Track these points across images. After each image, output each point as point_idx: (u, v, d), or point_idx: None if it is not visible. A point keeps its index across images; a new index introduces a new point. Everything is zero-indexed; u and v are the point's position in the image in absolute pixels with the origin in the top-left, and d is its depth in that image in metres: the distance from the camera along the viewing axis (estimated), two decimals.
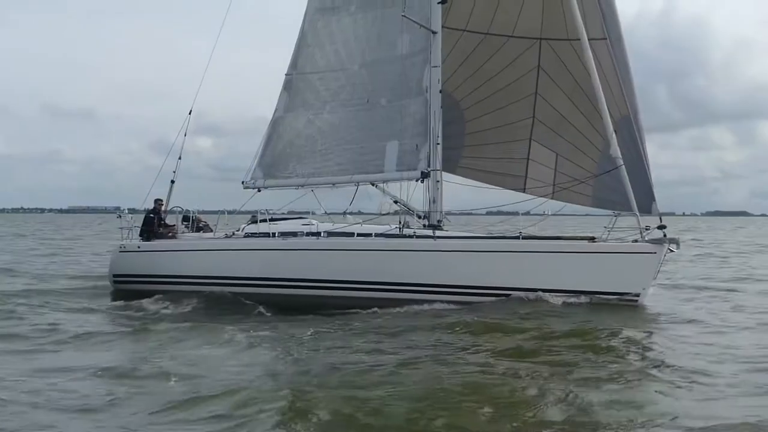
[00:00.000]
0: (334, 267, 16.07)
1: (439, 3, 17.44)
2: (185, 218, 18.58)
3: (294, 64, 19.45)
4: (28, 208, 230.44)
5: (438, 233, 16.33)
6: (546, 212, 16.36)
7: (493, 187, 18.31)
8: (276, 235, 16.80)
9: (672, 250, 15.54)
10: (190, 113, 19.36)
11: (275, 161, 18.95)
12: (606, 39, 16.95)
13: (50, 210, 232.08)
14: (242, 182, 18.96)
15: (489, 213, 18.47)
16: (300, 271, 16.21)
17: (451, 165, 18.31)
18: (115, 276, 18.33)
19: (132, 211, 19.45)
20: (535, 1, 18.15)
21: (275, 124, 19.26)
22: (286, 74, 19.49)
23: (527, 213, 17.00)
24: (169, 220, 18.73)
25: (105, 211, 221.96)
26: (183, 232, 18.39)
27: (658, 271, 15.76)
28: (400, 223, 16.65)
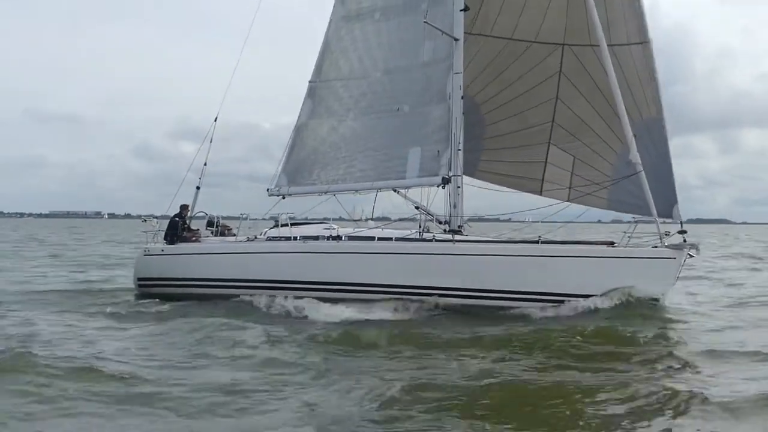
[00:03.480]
0: (355, 270, 16.27)
1: (461, 10, 17.54)
2: (210, 223, 18.94)
3: (318, 71, 19.71)
4: (8, 213, 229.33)
5: (457, 237, 16.44)
6: (528, 219, 16.32)
7: (510, 190, 18.43)
8: (297, 238, 17.04)
9: (692, 255, 15.43)
10: (215, 120, 19.70)
11: (299, 168, 19.20)
12: (630, 44, 16.97)
13: (30, 214, 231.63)
14: (267, 189, 19.26)
15: (470, 219, 18.36)
16: (320, 273, 16.44)
17: (469, 168, 18.42)
18: (139, 279, 18.71)
19: (111, 216, 19.93)
20: (559, 7, 18.20)
21: (299, 131, 19.53)
22: (309, 81, 19.74)
23: (508, 220, 17.04)
24: (194, 225, 19.06)
25: (86, 216, 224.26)
26: (207, 237, 18.72)
27: (678, 276, 15.67)
28: (420, 227, 16.82)
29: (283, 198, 19.03)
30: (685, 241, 15.32)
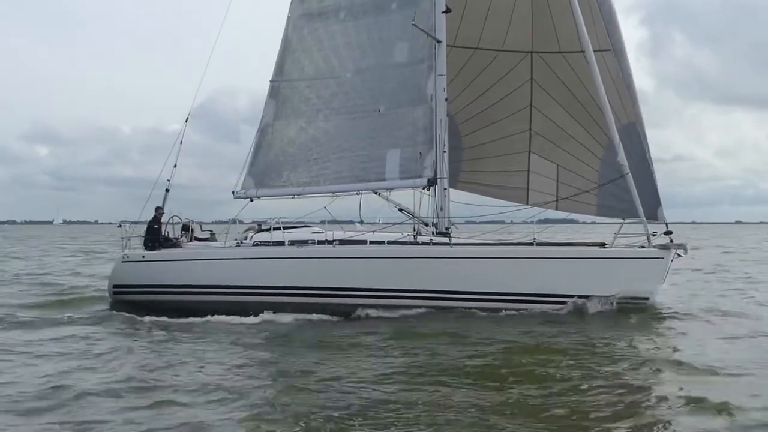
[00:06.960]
0: (350, 274, 15.68)
1: (443, 12, 17.39)
2: (185, 228, 17.72)
3: (279, 70, 18.91)
4: None
5: (453, 240, 16.21)
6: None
7: (496, 200, 18.41)
8: (287, 243, 16.20)
9: (680, 255, 15.98)
10: (186, 121, 18.58)
11: (267, 170, 18.31)
12: (601, 51, 17.32)
13: None
14: (232, 192, 18.23)
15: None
16: (318, 279, 15.75)
17: (451, 180, 18.15)
18: (115, 287, 17.21)
19: None
20: (523, 16, 18.43)
21: (264, 131, 18.63)
22: (271, 81, 18.94)
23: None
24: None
25: None
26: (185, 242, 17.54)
27: (666, 275, 16.18)
28: (414, 230, 16.48)
29: (251, 201, 18.08)
30: (671, 241, 15.87)
